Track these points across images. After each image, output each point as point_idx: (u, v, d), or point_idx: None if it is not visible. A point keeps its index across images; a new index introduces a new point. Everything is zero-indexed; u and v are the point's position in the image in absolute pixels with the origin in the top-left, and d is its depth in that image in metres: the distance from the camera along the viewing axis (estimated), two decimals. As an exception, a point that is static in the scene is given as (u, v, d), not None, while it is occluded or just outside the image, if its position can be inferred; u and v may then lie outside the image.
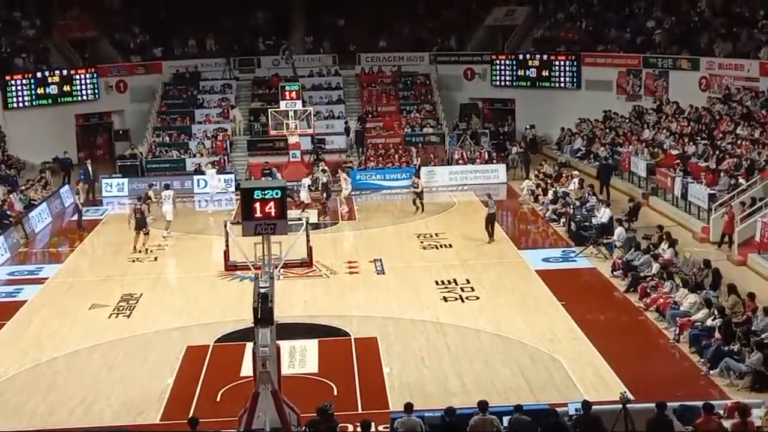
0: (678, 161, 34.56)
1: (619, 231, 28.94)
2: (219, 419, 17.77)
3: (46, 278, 28.42)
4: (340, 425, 16.89)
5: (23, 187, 38.54)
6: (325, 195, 36.43)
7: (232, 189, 40.02)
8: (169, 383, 20.12)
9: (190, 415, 17.28)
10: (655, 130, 39.99)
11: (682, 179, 32.85)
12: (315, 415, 16.54)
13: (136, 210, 31.05)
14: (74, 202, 36.78)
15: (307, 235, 17.74)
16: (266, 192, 15.94)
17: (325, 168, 38.06)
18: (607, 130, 43.86)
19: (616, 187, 38.12)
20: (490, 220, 30.73)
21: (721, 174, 31.65)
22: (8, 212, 34.44)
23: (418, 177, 37.67)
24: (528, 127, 47.83)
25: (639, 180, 37.30)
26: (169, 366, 21.07)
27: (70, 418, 18.52)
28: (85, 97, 48.30)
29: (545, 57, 49.18)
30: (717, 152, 33.73)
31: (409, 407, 16.22)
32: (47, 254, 32.30)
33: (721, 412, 16.36)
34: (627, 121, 43.80)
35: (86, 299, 26.06)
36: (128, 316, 24.65)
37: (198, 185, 41.10)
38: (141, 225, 30.79)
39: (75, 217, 35.64)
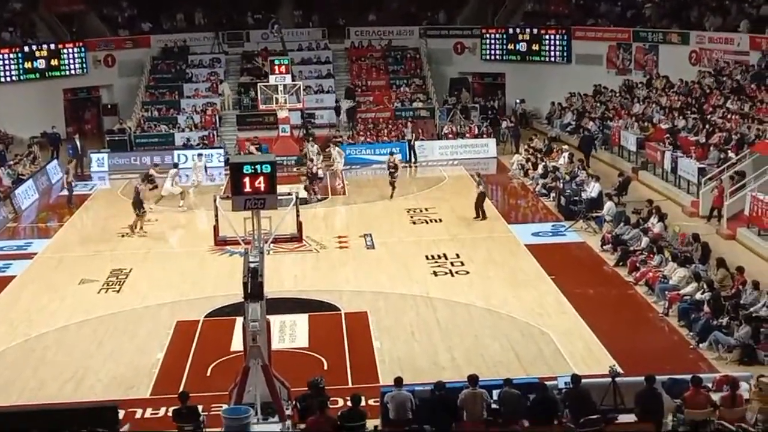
0: (668, 135, 34.58)
1: (608, 205, 29.01)
2: (209, 393, 17.78)
3: (35, 253, 28.35)
4: (330, 399, 16.94)
5: (12, 162, 38.38)
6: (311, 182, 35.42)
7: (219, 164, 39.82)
8: (159, 358, 20.13)
9: (181, 389, 17.32)
10: (645, 104, 40.00)
11: (671, 153, 32.88)
12: (305, 389, 16.59)
13: (135, 189, 30.47)
14: (62, 180, 36.47)
15: (297, 210, 17.73)
16: (256, 167, 15.89)
17: (314, 156, 36.02)
18: (597, 104, 43.84)
19: (606, 161, 38.20)
20: (480, 200, 30.65)
21: (711, 148, 31.69)
22: (-4, 187, 34.38)
23: (393, 154, 35.91)
24: (518, 101, 47.77)
25: (629, 154, 37.32)
26: (159, 341, 21.07)
27: (61, 393, 18.52)
28: (73, 72, 48.06)
29: (535, 31, 49.04)
30: (707, 126, 33.76)
31: (399, 381, 16.26)
32: (36, 229, 32.23)
33: (710, 385, 16.44)
34: (617, 95, 43.77)
35: (75, 274, 26.01)
36: (118, 291, 24.62)
37: (179, 159, 40.67)
38: (137, 205, 30.02)
39: (65, 192, 35.43)
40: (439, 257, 26.59)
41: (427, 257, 26.62)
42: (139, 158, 38.89)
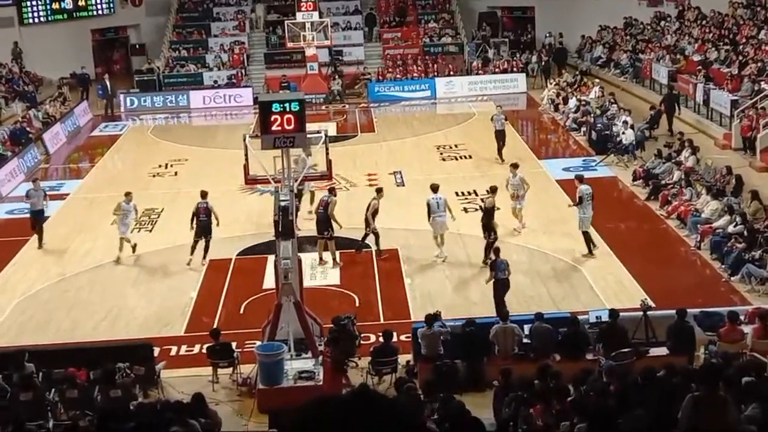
0: (700, 67, 34.13)
1: (628, 133, 28.77)
2: (243, 330, 17.96)
3: (67, 194, 28.53)
4: (362, 335, 17.08)
5: (47, 106, 38.45)
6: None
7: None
8: (193, 296, 20.32)
9: (214, 327, 17.51)
10: (677, 37, 39.44)
11: (704, 85, 32.47)
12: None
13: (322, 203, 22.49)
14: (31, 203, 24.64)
15: (327, 148, 17.67)
16: (284, 105, 15.85)
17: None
18: (628, 37, 43.27)
19: (638, 95, 37.75)
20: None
21: (744, 79, 31.26)
22: (27, 128, 34.51)
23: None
24: (548, 34, 47.17)
25: (660, 87, 36.88)
26: (192, 279, 21.23)
27: (95, 332, 18.76)
28: (100, 12, 47.98)
29: (565, -39, 48.18)
30: (739, 57, 33.27)
31: (429, 318, 16.31)
32: (67, 170, 32.40)
33: (742, 317, 16.41)
34: (648, 27, 43.17)
35: (107, 214, 26.10)
36: (150, 231, 24.78)
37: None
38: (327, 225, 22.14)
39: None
40: (469, 194, 26.52)
41: (457, 194, 26.54)
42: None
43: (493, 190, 22.22)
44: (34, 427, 13.41)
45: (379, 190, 23.11)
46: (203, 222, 21.92)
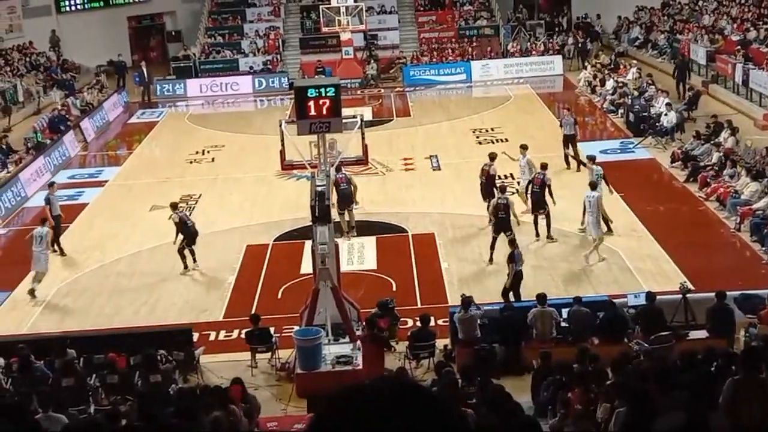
0: (739, 47, 33.73)
1: (671, 115, 28.51)
2: (280, 315, 18.04)
3: (106, 181, 28.77)
4: (400, 320, 17.12)
5: (84, 93, 38.72)
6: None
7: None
8: (231, 282, 20.43)
9: (252, 312, 17.60)
10: (715, 16, 39.00)
11: (743, 66, 32.10)
12: (375, 309, 16.78)
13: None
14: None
15: (362, 133, 17.68)
16: (320, 90, 15.86)
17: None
18: (665, 18, 42.85)
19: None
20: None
21: (784, 59, 30.90)
22: (66, 116, 34.79)
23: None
24: (584, 16, 46.76)
25: (699, 68, 36.50)
26: (230, 265, 21.35)
27: (135, 318, 18.92)
28: (136, -1, 48.25)
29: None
30: (779, 37, 32.90)
31: (465, 302, 16.31)
32: (106, 157, 32.65)
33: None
34: (686, 7, 42.73)
35: (146, 201, 26.35)
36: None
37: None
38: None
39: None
40: (506, 177, 26.38)
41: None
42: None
43: (544, 167, 22.37)
44: (76, 413, 13.56)
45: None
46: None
